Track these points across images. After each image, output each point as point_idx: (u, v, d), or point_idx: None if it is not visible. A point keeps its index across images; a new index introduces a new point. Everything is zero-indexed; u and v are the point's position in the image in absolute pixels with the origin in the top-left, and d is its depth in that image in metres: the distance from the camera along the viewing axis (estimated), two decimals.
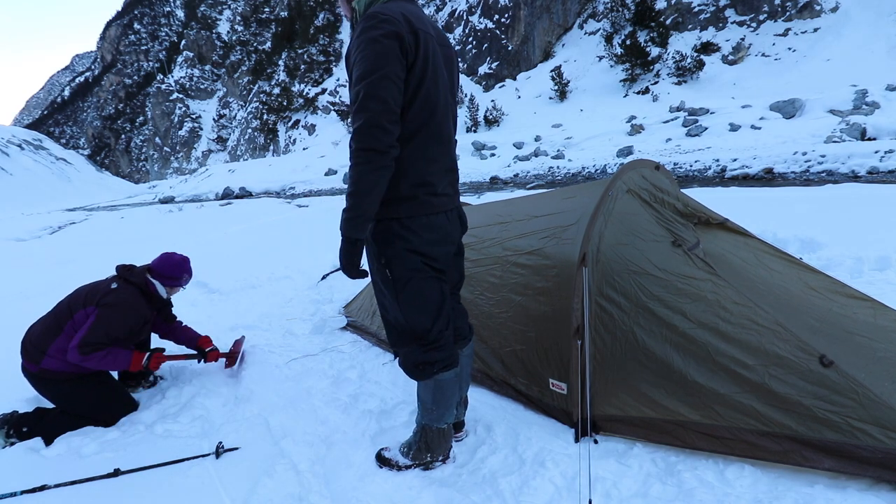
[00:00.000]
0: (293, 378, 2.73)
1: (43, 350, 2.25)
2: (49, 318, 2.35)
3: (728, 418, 1.69)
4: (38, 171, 52.94)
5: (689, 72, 25.15)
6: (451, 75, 1.72)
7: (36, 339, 2.29)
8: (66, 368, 2.26)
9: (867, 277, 3.15)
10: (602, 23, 32.07)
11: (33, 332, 2.33)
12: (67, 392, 2.29)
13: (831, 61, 21.70)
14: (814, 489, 1.52)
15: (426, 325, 1.68)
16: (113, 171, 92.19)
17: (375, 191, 1.47)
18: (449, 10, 41.70)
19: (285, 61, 57.80)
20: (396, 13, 1.47)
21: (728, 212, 2.91)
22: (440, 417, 1.83)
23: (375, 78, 1.41)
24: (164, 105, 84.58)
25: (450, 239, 1.72)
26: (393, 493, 1.76)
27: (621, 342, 1.96)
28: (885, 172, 8.59)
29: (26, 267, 7.49)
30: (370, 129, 1.41)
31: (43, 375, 2.26)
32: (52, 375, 2.26)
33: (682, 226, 2.35)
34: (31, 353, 2.27)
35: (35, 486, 1.85)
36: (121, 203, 35.49)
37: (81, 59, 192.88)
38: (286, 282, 4.82)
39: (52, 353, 2.25)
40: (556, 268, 2.21)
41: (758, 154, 11.20)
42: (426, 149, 1.59)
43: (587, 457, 1.76)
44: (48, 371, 2.25)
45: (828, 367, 1.61)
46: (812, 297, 2.25)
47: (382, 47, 1.42)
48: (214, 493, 1.79)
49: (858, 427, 1.50)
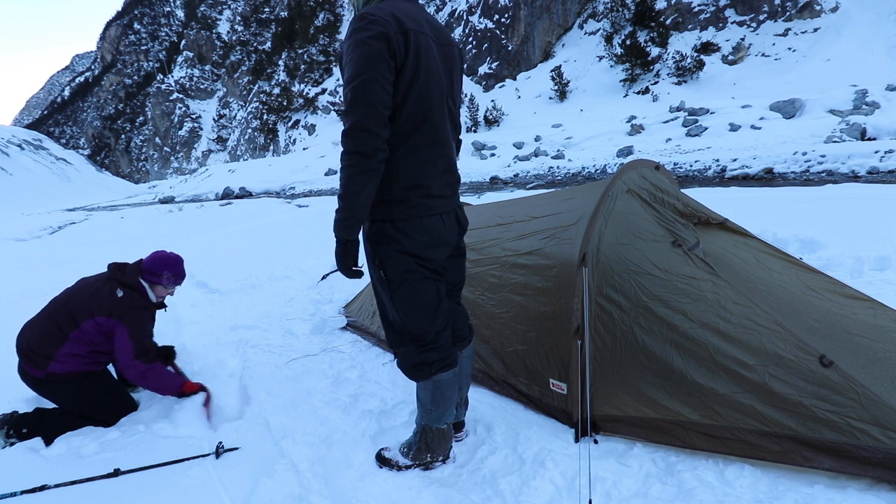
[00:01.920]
0: (293, 378, 2.73)
1: (49, 356, 2.24)
2: (47, 323, 2.31)
3: (728, 418, 1.69)
4: (38, 171, 52.99)
5: (689, 72, 25.15)
6: (451, 74, 1.70)
7: (38, 345, 2.26)
8: (73, 369, 2.27)
9: (867, 277, 3.15)
10: (602, 23, 32.07)
11: (31, 338, 2.29)
12: (72, 391, 2.30)
13: (831, 61, 21.70)
14: (814, 489, 1.52)
15: (423, 326, 1.68)
16: (113, 171, 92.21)
17: (364, 193, 1.47)
18: (449, 10, 41.71)
19: (285, 61, 57.84)
20: (386, 13, 1.46)
21: (728, 212, 2.91)
22: (439, 418, 1.82)
23: (362, 81, 1.41)
24: (164, 105, 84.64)
25: (444, 241, 1.71)
26: (393, 493, 1.76)
27: (621, 342, 1.96)
28: (885, 172, 8.60)
29: (26, 267, 7.49)
30: (357, 132, 1.42)
31: (49, 379, 2.26)
32: (59, 378, 2.26)
33: (682, 226, 2.35)
34: (35, 358, 2.25)
35: (35, 486, 1.84)
36: (121, 203, 35.50)
37: (81, 59, 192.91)
38: (286, 282, 4.82)
39: (60, 358, 2.24)
40: (557, 268, 2.21)
41: (758, 154, 11.21)
42: (420, 150, 1.58)
43: (587, 457, 1.76)
44: (55, 374, 2.25)
45: (828, 367, 1.61)
46: (812, 297, 2.25)
47: (370, 49, 1.42)
48: (214, 493, 1.79)
49: (858, 427, 1.50)
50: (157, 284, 2.53)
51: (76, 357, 2.27)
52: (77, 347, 2.27)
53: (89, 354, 2.31)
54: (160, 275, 2.51)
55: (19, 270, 7.18)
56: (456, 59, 1.74)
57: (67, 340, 2.26)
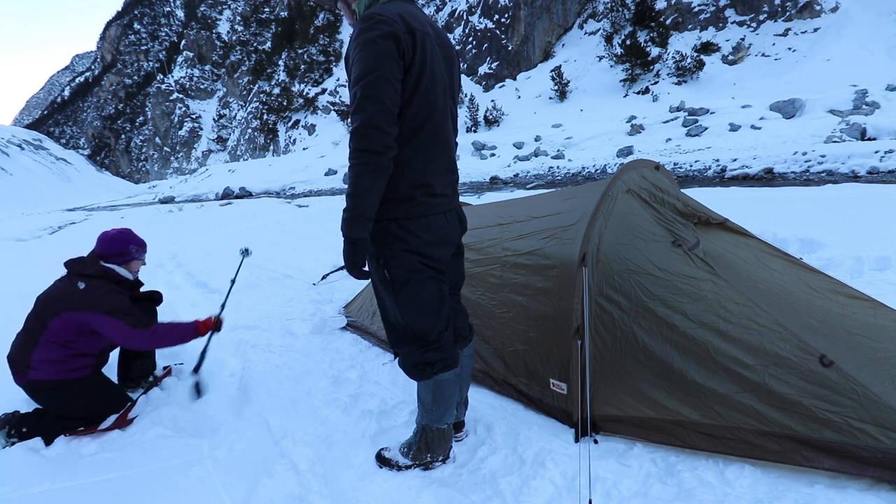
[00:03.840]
0: (293, 378, 2.73)
1: (26, 364, 2.22)
2: (23, 334, 2.30)
3: (728, 418, 1.69)
4: (38, 171, 53.01)
5: (689, 72, 25.15)
6: (451, 76, 1.72)
7: (17, 353, 2.26)
8: (52, 377, 2.23)
9: (867, 277, 3.15)
10: (602, 23, 32.07)
11: (14, 346, 2.30)
12: (61, 400, 2.27)
13: (831, 61, 21.70)
14: (814, 489, 1.52)
15: (425, 326, 1.68)
16: (113, 171, 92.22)
17: (373, 191, 1.47)
18: (449, 10, 41.70)
19: (285, 61, 57.83)
20: (393, 14, 1.48)
21: (728, 212, 2.91)
22: (440, 418, 1.82)
23: (372, 79, 1.41)
24: (164, 105, 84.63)
25: (448, 240, 1.72)
26: (393, 493, 1.76)
27: (621, 342, 1.96)
28: (885, 172, 8.60)
29: (26, 267, 7.47)
30: (367, 130, 1.42)
31: (32, 386, 2.24)
32: (41, 385, 2.23)
33: (682, 225, 2.36)
34: (16, 366, 2.25)
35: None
36: (121, 203, 35.49)
37: (81, 59, 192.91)
38: (286, 282, 4.82)
39: (35, 364, 2.21)
40: (556, 268, 2.21)
41: (758, 154, 11.20)
42: (424, 149, 1.59)
43: (587, 457, 1.76)
44: (36, 382, 2.23)
45: (828, 367, 1.61)
46: (812, 296, 2.25)
47: (379, 48, 1.43)
48: (214, 493, 1.79)
49: (858, 427, 1.50)
50: (129, 261, 2.49)
51: (52, 364, 2.21)
52: (49, 352, 2.21)
53: (67, 359, 2.24)
54: (127, 252, 2.48)
55: (19, 270, 7.17)
56: (455, 60, 1.77)
57: (37, 346, 2.21)
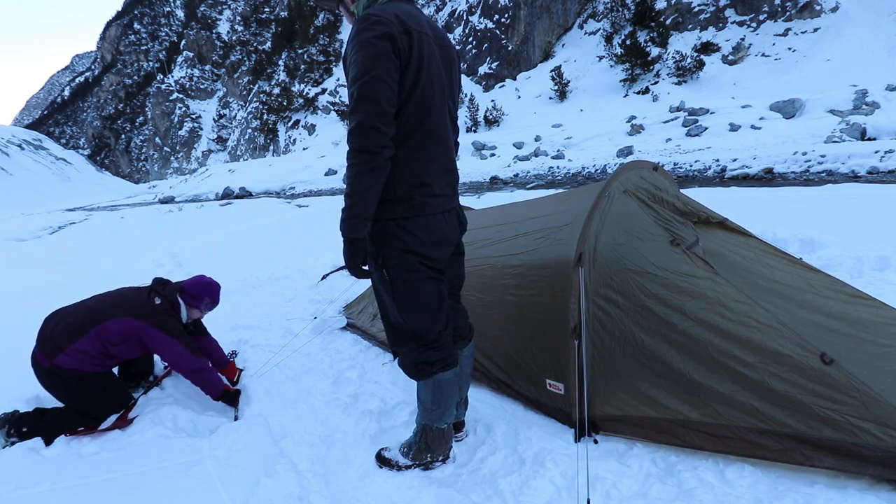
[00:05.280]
0: (293, 378, 2.73)
1: (61, 347, 2.25)
2: (71, 318, 2.33)
3: (728, 417, 1.68)
4: (38, 171, 53.01)
5: (689, 72, 25.13)
6: (450, 75, 1.72)
7: (56, 336, 2.28)
8: (78, 367, 2.27)
9: (867, 277, 3.15)
10: (602, 23, 32.06)
11: (55, 328, 2.31)
12: (75, 388, 2.30)
13: (831, 61, 21.69)
14: (814, 489, 1.52)
15: (424, 326, 1.68)
16: (113, 171, 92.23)
17: (371, 191, 1.48)
18: (449, 10, 41.69)
19: (285, 61, 57.81)
20: (390, 14, 1.48)
21: (728, 212, 2.91)
22: (440, 417, 1.82)
23: (368, 79, 1.42)
24: (164, 105, 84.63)
25: (447, 240, 1.72)
26: (393, 493, 1.76)
27: (620, 341, 1.96)
28: (885, 172, 8.59)
29: (26, 267, 7.48)
30: (363, 130, 1.42)
31: (53, 371, 2.27)
32: (61, 372, 2.26)
33: (681, 224, 2.35)
34: (48, 347, 2.27)
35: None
36: (121, 203, 35.48)
37: (81, 59, 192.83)
38: (286, 282, 4.82)
39: (70, 351, 2.25)
40: (550, 268, 2.21)
41: (758, 154, 11.20)
42: (422, 149, 1.59)
43: (587, 457, 1.76)
44: (58, 367, 2.26)
45: (828, 365, 1.61)
46: (813, 295, 2.25)
47: (375, 49, 1.43)
48: (214, 493, 1.78)
49: (859, 425, 1.50)
50: (194, 308, 2.61)
51: (85, 355, 2.27)
52: (91, 345, 2.27)
53: (99, 356, 2.30)
54: (200, 299, 2.60)
55: (19, 270, 7.17)
56: (455, 60, 1.77)
57: (84, 335, 2.26)
